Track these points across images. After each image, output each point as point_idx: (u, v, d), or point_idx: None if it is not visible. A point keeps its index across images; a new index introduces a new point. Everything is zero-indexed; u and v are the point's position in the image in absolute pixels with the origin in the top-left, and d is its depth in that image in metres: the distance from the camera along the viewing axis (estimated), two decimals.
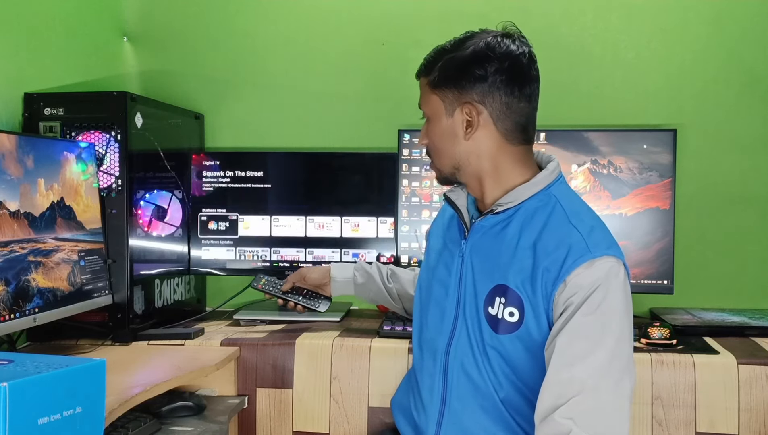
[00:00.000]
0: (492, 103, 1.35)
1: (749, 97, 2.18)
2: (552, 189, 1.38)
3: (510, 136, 1.38)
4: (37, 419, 0.97)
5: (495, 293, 1.35)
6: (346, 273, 1.85)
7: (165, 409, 1.62)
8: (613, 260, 1.29)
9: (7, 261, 1.51)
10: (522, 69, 1.36)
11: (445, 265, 1.46)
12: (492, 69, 1.34)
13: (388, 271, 1.83)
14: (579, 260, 1.28)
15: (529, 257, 1.32)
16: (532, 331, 1.31)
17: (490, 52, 1.34)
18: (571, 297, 1.27)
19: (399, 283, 1.81)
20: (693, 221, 2.17)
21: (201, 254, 2.17)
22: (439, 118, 1.40)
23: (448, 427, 1.40)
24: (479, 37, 1.37)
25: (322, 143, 2.31)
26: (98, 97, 1.92)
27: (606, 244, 1.32)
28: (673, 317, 1.99)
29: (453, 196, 1.47)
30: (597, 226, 1.35)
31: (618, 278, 1.28)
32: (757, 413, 1.66)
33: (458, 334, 1.40)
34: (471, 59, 1.35)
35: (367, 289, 1.84)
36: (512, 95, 1.35)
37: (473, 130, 1.37)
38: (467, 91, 1.35)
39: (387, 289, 1.82)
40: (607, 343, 1.24)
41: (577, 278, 1.27)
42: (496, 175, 1.39)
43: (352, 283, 1.84)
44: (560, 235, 1.32)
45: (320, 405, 1.81)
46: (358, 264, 1.87)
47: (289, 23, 2.36)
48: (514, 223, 1.36)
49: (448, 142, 1.40)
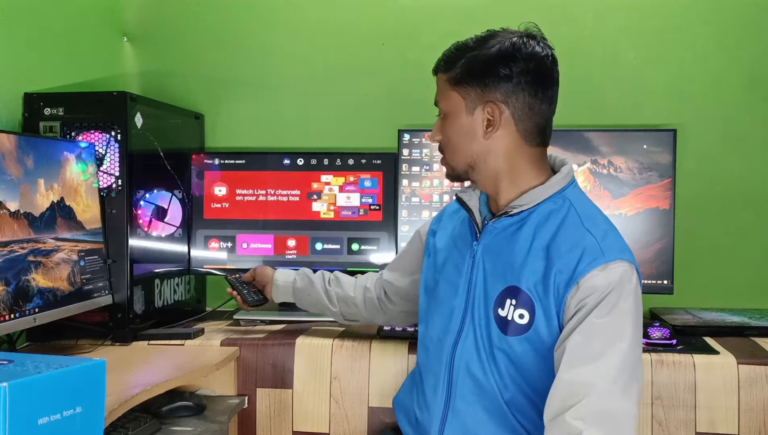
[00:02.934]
0: (515, 103, 1.35)
1: (749, 97, 2.18)
2: (566, 192, 1.38)
3: (528, 138, 1.37)
4: (37, 419, 0.97)
5: (506, 295, 1.35)
6: (287, 278, 1.83)
7: (165, 409, 1.62)
8: (626, 265, 1.29)
9: (7, 261, 1.51)
10: (546, 71, 1.36)
11: (454, 265, 1.45)
12: (518, 69, 1.33)
13: (331, 277, 1.80)
14: (593, 263, 1.28)
15: (542, 259, 1.32)
16: (541, 333, 1.31)
17: (517, 53, 1.34)
18: (584, 299, 1.27)
19: (340, 287, 1.77)
20: (693, 221, 2.17)
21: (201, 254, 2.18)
22: (458, 116, 1.38)
23: (452, 426, 1.40)
24: (503, 36, 1.36)
25: (322, 143, 2.31)
26: (98, 97, 1.92)
27: (619, 248, 1.32)
28: (673, 317, 1.99)
29: (465, 198, 1.46)
30: (611, 230, 1.35)
31: (631, 283, 1.29)
32: (757, 413, 1.66)
33: (465, 334, 1.40)
34: (497, 58, 1.34)
35: (305, 294, 1.80)
36: (535, 97, 1.35)
37: (494, 130, 1.36)
38: (491, 90, 1.35)
39: (327, 292, 1.78)
40: (619, 347, 1.24)
41: (591, 281, 1.27)
42: (512, 176, 1.39)
43: (292, 287, 1.82)
44: (574, 238, 1.32)
45: (320, 405, 1.81)
46: (302, 270, 1.84)
47: (289, 23, 2.36)
48: (528, 225, 1.36)
49: (465, 140, 1.39)
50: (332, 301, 1.78)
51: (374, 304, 1.74)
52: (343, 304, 1.77)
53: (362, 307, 1.75)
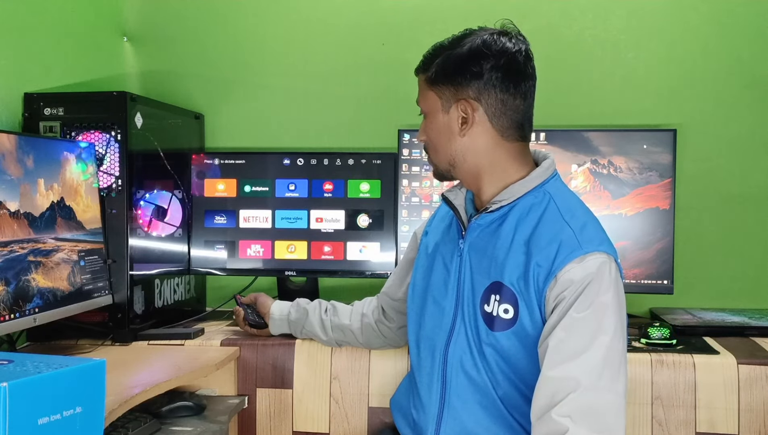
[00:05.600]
0: (488, 100, 1.36)
1: (749, 97, 2.18)
2: (547, 186, 1.39)
3: (506, 133, 1.38)
4: (37, 419, 0.97)
5: (491, 291, 1.36)
6: (282, 311, 1.83)
7: (165, 409, 1.62)
8: (604, 256, 1.30)
9: (7, 261, 1.51)
10: (518, 66, 1.37)
11: (443, 264, 1.46)
12: (488, 66, 1.34)
13: (328, 306, 1.79)
14: (570, 256, 1.29)
15: (523, 253, 1.33)
16: (526, 327, 1.32)
17: (486, 50, 1.35)
18: (562, 292, 1.28)
19: (337, 315, 1.77)
20: (693, 221, 2.17)
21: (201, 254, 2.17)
22: (436, 115, 1.40)
23: (448, 425, 1.41)
24: (477, 34, 1.38)
25: (322, 143, 2.31)
26: (98, 97, 1.92)
27: (598, 240, 1.32)
28: (673, 317, 1.99)
29: (450, 196, 1.47)
30: (589, 222, 1.36)
31: (610, 274, 1.29)
32: (757, 413, 1.66)
33: (457, 332, 1.40)
34: (467, 56, 1.35)
35: (299, 325, 1.80)
36: (508, 92, 1.36)
37: (468, 127, 1.37)
38: (463, 88, 1.36)
39: (322, 321, 1.77)
40: (601, 340, 1.25)
41: (568, 274, 1.28)
42: (492, 172, 1.40)
43: (287, 320, 1.82)
44: (553, 231, 1.32)
45: (320, 405, 1.81)
46: (297, 301, 1.83)
47: (289, 23, 2.36)
48: (509, 220, 1.37)
49: (444, 139, 1.40)
50: (326, 331, 1.77)
51: (372, 328, 1.74)
52: (338, 333, 1.77)
53: (359, 334, 1.75)
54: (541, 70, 1.41)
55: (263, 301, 1.87)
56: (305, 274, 2.18)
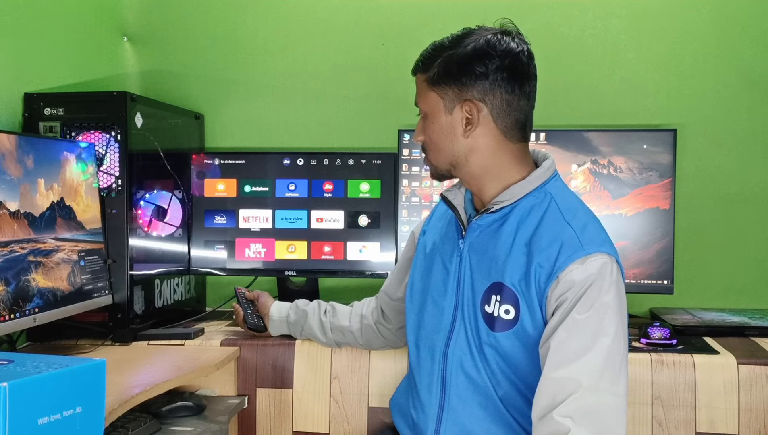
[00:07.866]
0: (492, 100, 1.35)
1: (749, 97, 2.18)
2: (547, 186, 1.39)
3: (509, 134, 1.38)
4: (37, 419, 0.97)
5: (491, 291, 1.36)
6: (282, 312, 1.83)
7: (165, 409, 1.62)
8: (605, 257, 1.30)
9: (7, 261, 1.51)
10: (522, 67, 1.36)
11: (443, 264, 1.46)
12: (493, 66, 1.34)
13: (327, 307, 1.79)
14: (571, 257, 1.28)
15: (524, 254, 1.33)
16: (527, 327, 1.32)
17: (491, 50, 1.34)
18: (564, 293, 1.28)
19: (336, 316, 1.77)
20: (693, 221, 2.17)
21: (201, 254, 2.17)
22: (438, 115, 1.39)
23: (448, 425, 1.40)
24: (478, 34, 1.37)
25: (322, 143, 2.31)
26: (98, 97, 1.92)
27: (599, 241, 1.32)
28: (673, 317, 1.99)
29: (450, 196, 1.47)
30: (591, 222, 1.36)
31: (612, 275, 1.29)
32: (757, 413, 1.66)
33: (457, 332, 1.40)
34: (472, 56, 1.34)
35: (298, 327, 1.80)
36: (512, 93, 1.36)
37: (473, 128, 1.37)
38: (468, 89, 1.35)
39: (321, 323, 1.77)
40: (602, 341, 1.25)
41: (570, 275, 1.28)
42: (494, 173, 1.39)
43: (286, 322, 1.82)
44: (554, 232, 1.32)
45: (320, 405, 1.81)
46: (297, 302, 1.83)
47: (289, 23, 2.36)
48: (510, 220, 1.37)
49: (446, 139, 1.39)
50: (326, 332, 1.77)
51: (371, 330, 1.74)
52: (338, 334, 1.77)
53: (358, 335, 1.75)
54: (541, 70, 1.41)
55: (264, 301, 1.87)
56: (305, 274, 2.18)
